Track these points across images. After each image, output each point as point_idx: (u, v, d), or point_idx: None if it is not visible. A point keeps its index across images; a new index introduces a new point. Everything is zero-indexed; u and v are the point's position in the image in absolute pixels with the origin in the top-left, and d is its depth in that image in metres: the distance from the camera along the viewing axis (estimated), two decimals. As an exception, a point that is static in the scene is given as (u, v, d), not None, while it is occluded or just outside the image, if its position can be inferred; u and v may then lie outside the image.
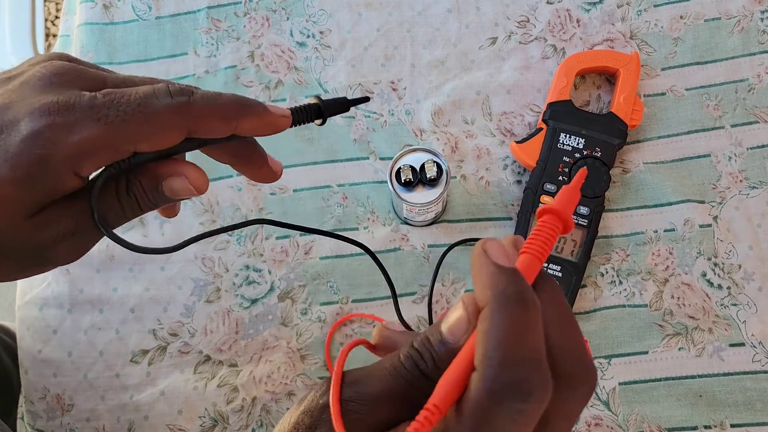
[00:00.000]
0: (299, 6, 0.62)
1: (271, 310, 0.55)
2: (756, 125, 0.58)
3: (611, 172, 0.55)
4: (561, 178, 0.55)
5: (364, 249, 0.39)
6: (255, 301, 0.56)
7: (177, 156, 0.32)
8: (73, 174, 0.28)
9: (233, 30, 0.62)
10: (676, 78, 0.59)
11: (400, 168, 0.52)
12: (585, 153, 0.55)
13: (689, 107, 0.58)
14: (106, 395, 0.54)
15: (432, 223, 0.57)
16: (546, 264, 0.54)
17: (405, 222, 0.57)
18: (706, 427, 0.52)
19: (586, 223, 0.54)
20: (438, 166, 0.51)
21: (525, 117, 0.59)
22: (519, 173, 0.58)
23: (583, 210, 0.54)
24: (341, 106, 0.35)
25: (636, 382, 0.53)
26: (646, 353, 0.53)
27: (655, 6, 0.61)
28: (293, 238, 0.57)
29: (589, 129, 0.55)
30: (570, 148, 0.55)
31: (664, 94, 0.59)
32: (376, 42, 0.61)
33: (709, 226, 0.56)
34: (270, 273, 0.56)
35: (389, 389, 0.24)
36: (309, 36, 0.62)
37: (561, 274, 0.53)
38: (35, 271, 0.31)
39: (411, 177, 0.51)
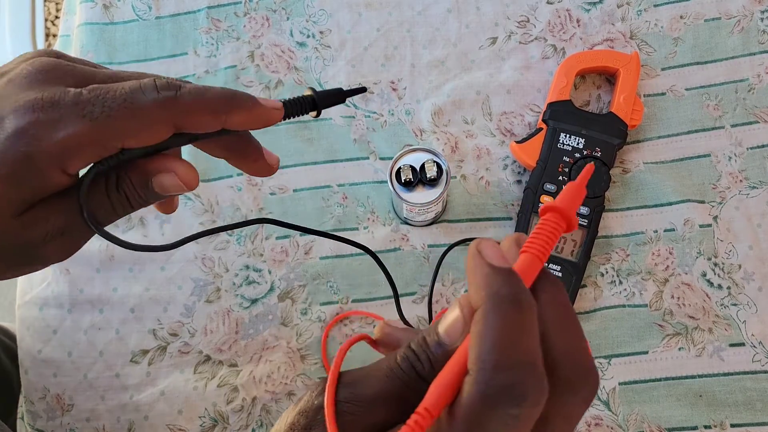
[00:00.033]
0: (299, 6, 0.62)
1: (271, 310, 0.55)
2: (756, 125, 0.58)
3: (611, 172, 0.55)
4: (561, 178, 0.55)
5: (365, 251, 0.38)
6: (255, 301, 0.56)
7: (170, 151, 0.31)
8: (60, 171, 0.27)
9: (233, 30, 0.62)
10: (676, 78, 0.59)
11: (400, 168, 0.51)
12: (585, 153, 0.55)
13: (689, 107, 0.58)
14: (106, 395, 0.54)
15: (432, 223, 0.57)
16: (546, 264, 0.54)
17: (405, 222, 0.57)
18: (706, 427, 0.52)
19: (586, 223, 0.54)
20: (438, 166, 0.51)
21: (525, 117, 0.59)
22: (519, 173, 0.58)
23: (584, 210, 0.54)
24: (336, 97, 0.34)
25: (636, 382, 0.53)
26: (646, 353, 0.53)
27: (655, 6, 0.61)
28: (293, 238, 0.57)
29: (589, 129, 0.55)
30: (570, 148, 0.55)
31: (664, 94, 0.59)
32: (376, 42, 0.61)
33: (709, 226, 0.56)
34: (270, 273, 0.56)
35: (385, 391, 0.23)
36: (309, 36, 0.62)
37: (561, 274, 0.53)
38: (25, 270, 0.30)
39: (411, 177, 0.51)
